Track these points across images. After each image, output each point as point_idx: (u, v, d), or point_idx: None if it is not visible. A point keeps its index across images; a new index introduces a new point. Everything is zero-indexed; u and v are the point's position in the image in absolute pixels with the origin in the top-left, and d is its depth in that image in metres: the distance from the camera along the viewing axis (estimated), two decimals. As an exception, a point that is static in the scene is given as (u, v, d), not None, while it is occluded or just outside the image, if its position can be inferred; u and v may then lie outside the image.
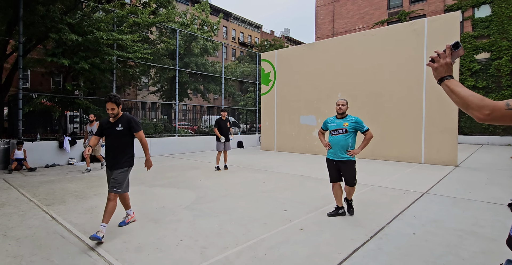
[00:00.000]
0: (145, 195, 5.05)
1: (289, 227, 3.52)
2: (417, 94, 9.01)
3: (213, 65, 18.17)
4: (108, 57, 9.33)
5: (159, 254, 2.80)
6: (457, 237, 3.21)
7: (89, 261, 2.68)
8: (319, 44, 11.85)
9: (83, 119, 11.93)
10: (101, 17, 9.53)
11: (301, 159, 9.95)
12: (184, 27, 16.68)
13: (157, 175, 6.98)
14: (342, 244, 3.02)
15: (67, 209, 4.24)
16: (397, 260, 2.67)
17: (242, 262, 2.64)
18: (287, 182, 6.17)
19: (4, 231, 3.38)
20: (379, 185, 5.83)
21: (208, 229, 3.44)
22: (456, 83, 1.10)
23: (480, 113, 0.99)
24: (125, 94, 20.22)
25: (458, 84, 1.09)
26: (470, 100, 1.02)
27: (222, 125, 7.63)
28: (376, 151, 9.86)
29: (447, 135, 8.51)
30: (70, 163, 8.87)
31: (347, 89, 10.55)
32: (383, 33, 9.89)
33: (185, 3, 30.51)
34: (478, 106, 1.00)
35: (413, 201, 4.64)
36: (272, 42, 31.51)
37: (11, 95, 11.10)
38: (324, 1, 24.61)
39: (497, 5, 16.72)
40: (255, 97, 19.11)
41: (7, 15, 8.65)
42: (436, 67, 1.16)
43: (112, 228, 3.47)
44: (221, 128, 7.61)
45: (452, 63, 1.15)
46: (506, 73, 16.27)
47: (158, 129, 13.02)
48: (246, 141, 15.08)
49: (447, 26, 8.52)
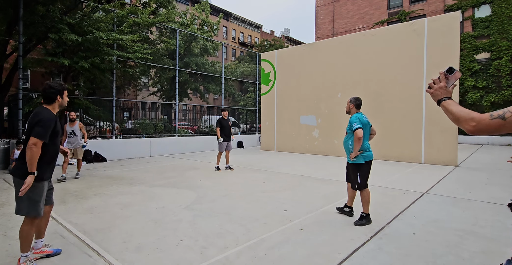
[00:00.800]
0: (145, 195, 5.05)
1: (289, 227, 3.51)
2: (417, 94, 9.01)
3: (213, 65, 18.18)
4: (108, 57, 9.33)
5: (159, 254, 2.80)
6: (457, 237, 3.21)
7: (89, 261, 2.68)
8: (319, 44, 11.85)
9: (83, 119, 11.94)
10: (101, 17, 9.53)
11: (301, 159, 9.94)
12: (184, 27, 16.69)
13: (157, 175, 6.99)
14: (342, 244, 3.02)
15: (67, 209, 4.24)
16: (397, 260, 2.67)
17: (242, 262, 2.64)
18: (287, 182, 6.16)
19: (4, 231, 3.38)
20: (379, 185, 5.83)
21: (208, 229, 3.44)
22: (451, 103, 1.23)
23: (468, 125, 1.10)
24: (125, 94, 20.22)
25: (452, 103, 1.22)
26: (460, 115, 1.15)
27: (224, 124, 7.61)
28: (376, 151, 9.80)
29: (447, 135, 8.51)
30: (70, 163, 8.86)
31: (347, 89, 10.55)
32: (383, 33, 9.89)
33: (185, 3, 30.51)
34: (466, 119, 1.11)
35: (413, 201, 4.64)
36: (272, 42, 31.51)
37: (11, 95, 11.11)
38: (324, 1, 24.61)
39: (497, 5, 16.72)
40: (255, 97, 19.12)
41: (7, 15, 8.65)
42: (432, 92, 1.30)
43: (112, 228, 3.47)
44: (224, 127, 7.59)
45: (453, 86, 1.27)
46: (506, 73, 16.26)
47: (158, 129, 13.02)
48: (246, 141, 15.08)
49: (447, 26, 8.52)
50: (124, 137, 10.84)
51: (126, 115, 16.25)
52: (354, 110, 3.85)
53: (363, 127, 3.63)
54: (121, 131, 11.66)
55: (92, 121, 11.54)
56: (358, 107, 3.86)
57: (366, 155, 3.68)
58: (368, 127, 3.78)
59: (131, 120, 14.22)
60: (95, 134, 10.68)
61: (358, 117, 3.69)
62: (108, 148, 9.88)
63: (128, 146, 10.41)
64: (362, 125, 3.61)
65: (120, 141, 10.33)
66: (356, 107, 3.85)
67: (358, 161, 3.69)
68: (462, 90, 17.30)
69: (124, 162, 9.44)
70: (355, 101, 3.85)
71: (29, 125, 2.50)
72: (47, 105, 2.63)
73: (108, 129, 11.05)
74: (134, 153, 10.54)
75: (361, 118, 3.70)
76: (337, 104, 10.81)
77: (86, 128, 11.40)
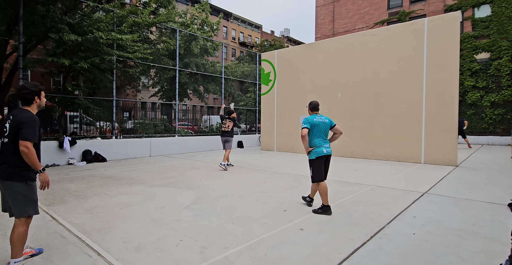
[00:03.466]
0: (145, 195, 5.05)
1: (289, 227, 3.52)
2: (417, 94, 9.01)
3: (213, 65, 18.17)
4: (108, 57, 9.33)
5: (159, 254, 2.80)
6: (457, 237, 3.21)
7: (89, 261, 2.68)
8: (319, 44, 11.85)
9: (83, 119, 11.94)
10: (101, 17, 9.52)
11: (301, 159, 9.94)
12: (184, 27, 16.69)
13: (157, 175, 6.99)
14: (342, 244, 3.02)
15: (67, 209, 4.24)
16: (397, 260, 2.67)
17: (242, 262, 2.64)
18: (287, 182, 6.17)
19: (4, 231, 3.38)
20: (379, 185, 5.83)
21: (208, 229, 3.44)
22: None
23: None
24: (125, 94, 20.21)
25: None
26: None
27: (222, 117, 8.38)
28: (376, 151, 9.86)
29: (447, 135, 8.50)
30: (70, 163, 8.87)
31: (347, 89, 10.56)
32: (383, 33, 9.89)
33: (185, 3, 30.51)
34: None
35: (413, 201, 4.64)
36: (272, 42, 31.51)
37: (11, 95, 11.10)
38: (324, 1, 24.61)
39: (497, 5, 16.71)
40: (255, 97, 19.11)
41: (7, 15, 8.64)
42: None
43: (112, 228, 3.47)
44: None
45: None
46: (506, 73, 16.26)
47: (158, 129, 13.02)
48: (246, 141, 15.08)
49: (447, 26, 8.52)
50: (124, 137, 10.83)
51: (126, 115, 16.24)
52: (310, 112, 4.34)
53: (313, 127, 4.13)
54: (121, 131, 11.65)
55: (92, 121, 11.53)
56: (313, 109, 4.33)
57: (316, 151, 4.11)
58: (321, 127, 4.16)
59: (131, 120, 14.21)
60: (95, 134, 10.68)
61: (308, 119, 4.17)
62: (108, 148, 9.88)
63: (128, 146, 10.42)
64: (311, 125, 4.12)
65: (120, 141, 10.33)
66: (311, 109, 4.34)
67: (310, 157, 4.19)
68: (462, 90, 17.30)
69: (124, 162, 9.44)
70: (309, 105, 4.35)
71: (14, 128, 2.47)
72: (26, 106, 2.62)
73: (108, 129, 11.05)
74: (134, 153, 10.54)
75: (311, 119, 4.17)
76: (337, 104, 10.81)
77: (87, 128, 11.42)
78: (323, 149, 4.10)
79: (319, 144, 4.12)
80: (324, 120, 4.21)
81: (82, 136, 10.15)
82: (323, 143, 4.14)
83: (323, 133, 4.17)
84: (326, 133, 4.22)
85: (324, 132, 4.18)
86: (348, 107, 10.54)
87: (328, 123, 4.24)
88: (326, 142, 4.19)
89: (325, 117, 4.27)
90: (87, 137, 10.12)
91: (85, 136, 10.32)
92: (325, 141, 4.20)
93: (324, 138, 4.19)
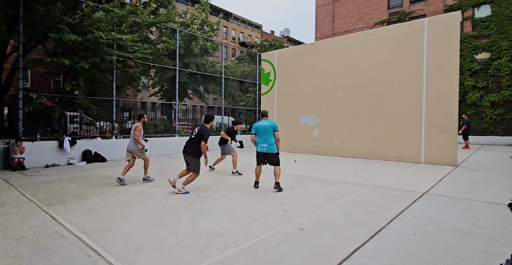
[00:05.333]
0: (145, 195, 5.05)
1: (289, 227, 3.51)
2: (417, 94, 9.01)
3: (213, 65, 18.16)
4: (108, 57, 9.33)
5: (159, 254, 2.80)
6: (457, 237, 3.21)
7: (89, 261, 2.68)
8: (319, 44, 11.85)
9: (83, 119, 11.94)
10: (101, 17, 9.53)
11: (301, 159, 9.94)
12: (184, 27, 16.67)
13: (157, 175, 6.99)
14: (342, 244, 3.02)
15: (67, 209, 4.24)
16: (397, 260, 2.67)
17: (242, 262, 2.64)
18: (287, 182, 6.16)
19: (4, 231, 3.38)
20: (379, 185, 5.83)
21: (208, 229, 3.44)
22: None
23: None
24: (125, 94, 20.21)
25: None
26: None
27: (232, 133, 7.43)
28: (376, 151, 9.86)
29: (447, 135, 8.50)
30: (70, 163, 8.87)
31: (347, 89, 10.56)
32: (383, 33, 9.89)
33: (185, 3, 30.51)
34: None
35: (413, 201, 4.64)
36: (272, 42, 31.51)
37: (11, 95, 11.10)
38: (324, 1, 24.61)
39: (497, 5, 16.71)
40: (255, 97, 19.11)
41: (7, 15, 8.64)
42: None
43: (112, 228, 3.47)
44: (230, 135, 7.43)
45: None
46: (506, 73, 16.26)
47: (158, 129, 13.02)
48: (246, 141, 15.06)
49: (447, 26, 8.52)
50: (124, 137, 10.82)
51: (126, 115, 16.23)
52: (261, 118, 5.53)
53: (255, 130, 5.45)
54: (121, 131, 11.64)
55: (92, 121, 11.54)
56: (262, 116, 5.56)
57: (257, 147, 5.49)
58: (260, 130, 5.36)
59: (131, 120, 14.21)
60: (95, 134, 10.68)
61: (254, 125, 5.46)
62: (108, 148, 9.88)
63: (128, 146, 10.40)
64: (254, 129, 5.48)
65: (120, 141, 10.32)
66: (261, 116, 5.56)
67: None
68: (462, 90, 17.29)
69: (124, 162, 9.43)
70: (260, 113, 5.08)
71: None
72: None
73: (108, 129, 11.05)
74: (134, 153, 10.52)
75: (255, 125, 5.46)
76: (337, 104, 10.82)
77: (87, 128, 11.42)
78: (258, 148, 5.43)
79: (259, 142, 5.42)
80: (266, 124, 5.32)
81: (82, 136, 10.15)
82: (261, 142, 5.37)
83: (263, 134, 5.34)
84: (266, 135, 5.30)
85: (264, 134, 5.32)
86: (348, 107, 10.54)
87: (269, 126, 5.31)
88: (264, 142, 5.33)
89: (270, 122, 5.35)
90: (87, 137, 10.12)
91: (85, 136, 10.32)
92: (264, 141, 5.33)
93: (263, 138, 5.33)
